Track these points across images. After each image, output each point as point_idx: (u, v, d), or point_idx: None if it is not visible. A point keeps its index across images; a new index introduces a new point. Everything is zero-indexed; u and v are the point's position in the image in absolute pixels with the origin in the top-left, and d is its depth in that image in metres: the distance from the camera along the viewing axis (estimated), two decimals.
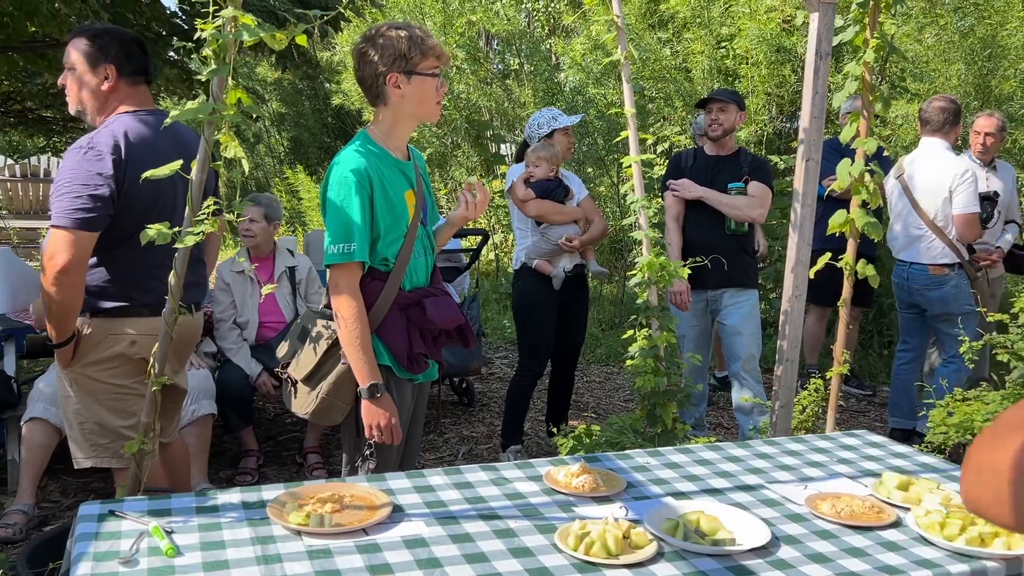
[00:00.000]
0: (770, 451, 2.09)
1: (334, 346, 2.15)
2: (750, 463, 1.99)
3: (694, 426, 3.84)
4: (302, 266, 4.08)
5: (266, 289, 2.11)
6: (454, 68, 8.26)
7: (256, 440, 3.93)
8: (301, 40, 1.74)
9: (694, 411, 3.87)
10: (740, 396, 3.72)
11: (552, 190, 3.78)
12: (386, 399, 2.09)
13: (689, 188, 3.76)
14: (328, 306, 2.18)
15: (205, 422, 3.52)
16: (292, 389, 2.25)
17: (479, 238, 5.20)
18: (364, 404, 2.08)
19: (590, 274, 3.94)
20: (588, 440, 2.76)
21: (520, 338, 3.93)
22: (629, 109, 2.76)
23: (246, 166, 1.89)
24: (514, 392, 3.95)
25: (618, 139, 2.97)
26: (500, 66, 9.88)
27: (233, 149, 1.82)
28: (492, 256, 9.38)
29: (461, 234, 5.07)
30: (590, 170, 7.77)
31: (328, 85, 12.51)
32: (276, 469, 3.92)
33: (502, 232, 9.33)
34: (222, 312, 3.90)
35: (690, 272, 3.14)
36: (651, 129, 7.33)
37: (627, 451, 2.03)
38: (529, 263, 3.81)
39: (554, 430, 3.78)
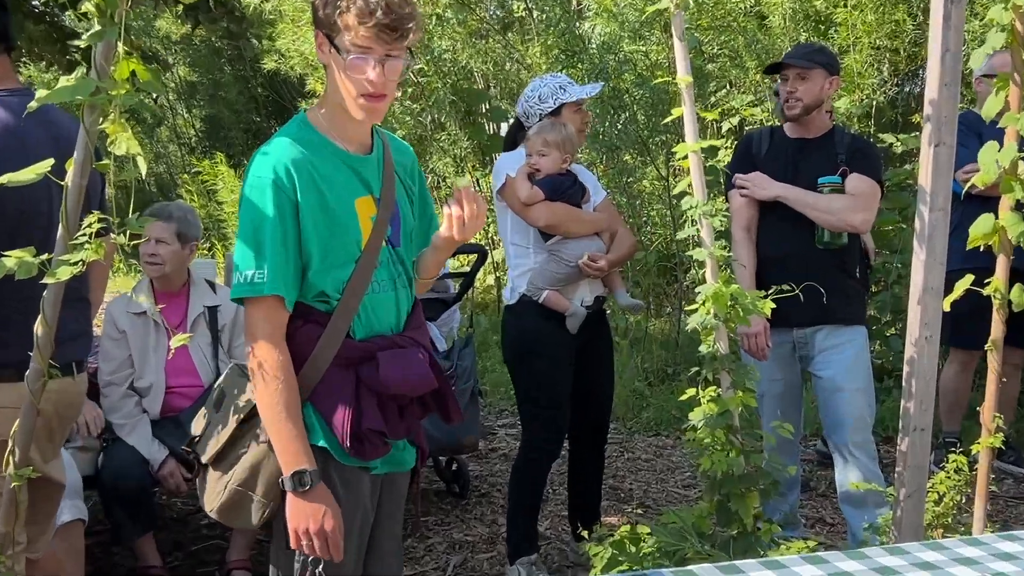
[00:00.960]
0: (895, 563, 2.07)
1: (253, 416, 2.17)
2: None
3: (784, 524, 3.82)
4: (227, 306, 4.10)
5: (177, 340, 2.11)
6: (432, 17, 8.33)
7: (159, 553, 3.93)
8: None
9: (783, 502, 3.86)
10: (847, 480, 3.71)
11: (567, 189, 3.81)
12: (320, 493, 2.09)
13: (762, 185, 3.77)
14: None
15: (70, 532, 3.45)
16: (198, 474, 2.27)
17: (473, 257, 5.23)
18: (289, 500, 2.09)
19: (620, 309, 3.95)
20: (634, 548, 2.74)
21: (522, 401, 3.94)
22: (683, 77, 2.77)
23: (143, 166, 1.89)
24: (522, 478, 3.94)
25: (668, 119, 2.98)
26: (498, 12, 9.99)
27: (125, 143, 1.83)
28: (491, 280, 9.40)
29: (459, 249, 5.10)
30: (628, 158, 7.83)
31: (257, 44, 12.64)
32: None
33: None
34: (113, 372, 3.91)
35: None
36: (712, 100, 7.37)
37: (690, 567, 2.01)
38: (534, 295, 3.82)
39: (583, 532, 3.76)
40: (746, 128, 7.35)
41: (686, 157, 2.83)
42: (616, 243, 3.93)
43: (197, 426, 2.33)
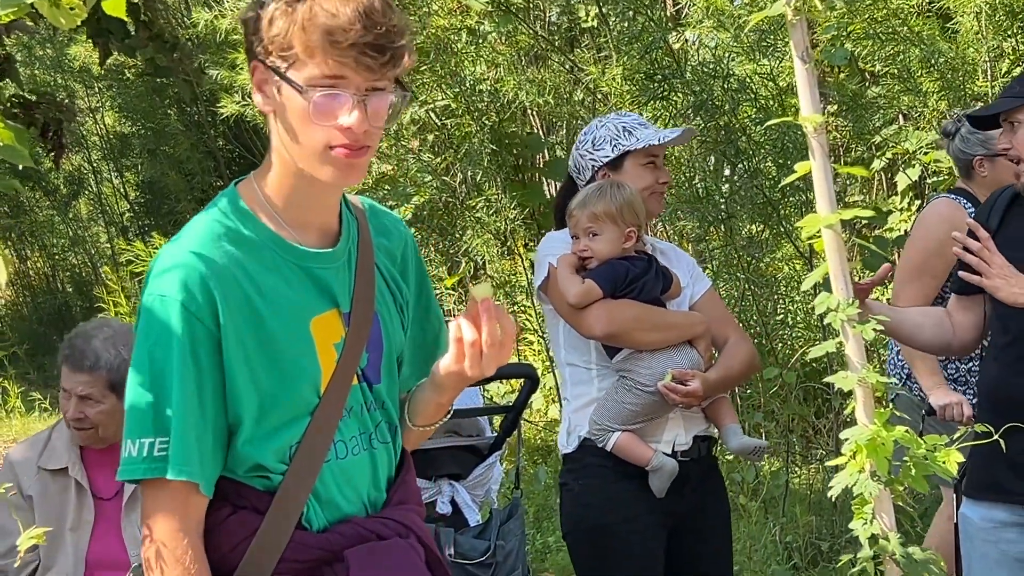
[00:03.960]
0: None
1: None
2: None
3: None
4: None
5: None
6: (462, 32, 8.46)
7: None
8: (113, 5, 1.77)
9: None
10: None
11: (637, 278, 3.83)
12: None
13: (1016, 280, 3.59)
14: None
15: None
16: None
17: (519, 383, 5.23)
18: None
19: (730, 453, 4.00)
20: None
21: None
22: (810, 116, 2.75)
23: (2, 278, 1.91)
24: None
25: (790, 179, 2.96)
26: (560, 20, 10.11)
27: None
28: (555, 413, 9.37)
29: (485, 379, 5.12)
30: (754, 227, 7.77)
31: (210, 74, 12.93)
32: None
33: None
34: (4, 556, 3.93)
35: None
36: (874, 140, 7.34)
37: None
38: (599, 440, 3.82)
39: None
40: (928, 182, 7.28)
41: (818, 234, 2.79)
42: (724, 355, 3.94)
43: None
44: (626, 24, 8.54)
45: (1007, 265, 3.59)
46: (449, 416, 2.46)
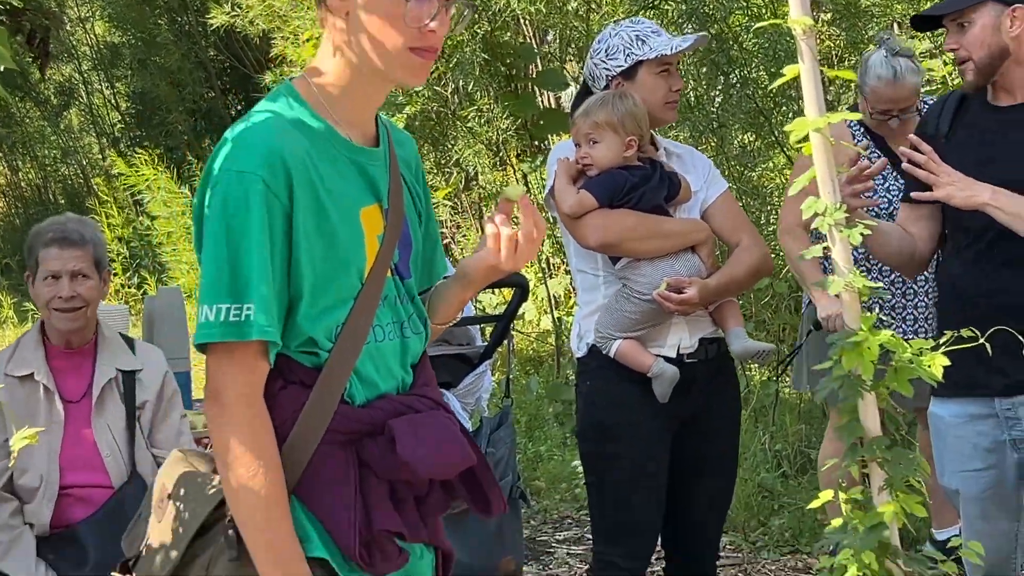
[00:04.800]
0: None
1: (215, 523, 2.24)
2: None
3: None
4: (149, 371, 4.17)
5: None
6: None
7: None
8: None
9: None
10: None
11: (636, 187, 3.82)
12: None
13: (964, 185, 3.61)
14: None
15: None
16: None
17: (509, 293, 5.22)
18: None
19: (736, 358, 4.01)
20: None
21: (592, 501, 3.99)
22: (799, 19, 2.72)
23: None
24: None
25: (779, 82, 2.93)
26: None
27: None
28: (548, 324, 9.39)
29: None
30: (746, 137, 7.72)
31: None
32: None
33: (564, 272, 9.36)
34: None
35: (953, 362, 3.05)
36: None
37: None
38: (602, 345, 3.85)
39: None
40: (921, 93, 7.23)
41: (806, 139, 2.77)
42: (731, 260, 3.93)
43: (133, 541, 2.39)
44: None
45: (953, 172, 3.61)
46: (459, 318, 2.62)
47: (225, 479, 2.17)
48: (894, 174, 4.82)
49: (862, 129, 5.02)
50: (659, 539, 4.03)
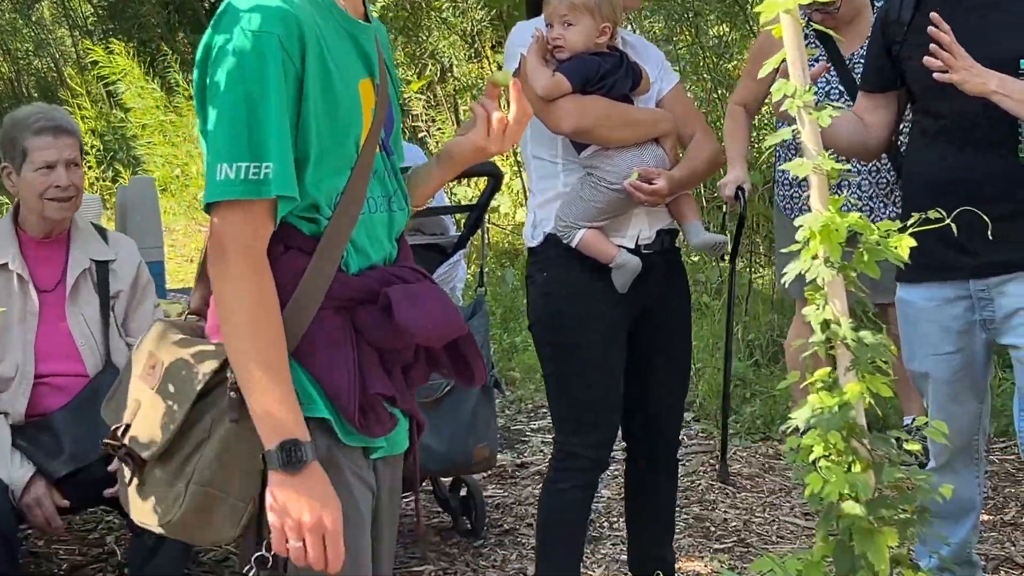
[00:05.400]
0: None
1: (213, 388, 2.27)
2: None
3: (947, 569, 3.84)
4: (123, 261, 4.17)
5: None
6: None
7: None
8: None
9: (954, 532, 3.89)
10: None
11: (607, 74, 3.79)
12: (317, 476, 2.22)
13: (977, 71, 3.56)
14: (200, 310, 2.40)
15: None
16: (133, 479, 2.34)
17: (483, 182, 5.21)
18: (274, 484, 2.21)
19: (692, 249, 3.95)
20: None
21: (551, 394, 4.00)
22: None
23: None
24: (555, 507, 3.99)
25: None
26: None
27: None
28: (518, 215, 9.38)
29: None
30: (721, 28, 7.67)
31: None
32: None
33: None
34: None
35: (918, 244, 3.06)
36: None
37: None
38: (564, 235, 3.83)
39: None
40: None
41: (776, 20, 2.75)
42: (689, 153, 3.91)
43: (116, 410, 2.43)
44: None
45: (968, 57, 3.58)
46: (431, 205, 2.67)
47: (228, 337, 2.21)
48: (837, 77, 5.04)
49: (813, 32, 5.00)
50: (619, 429, 4.06)
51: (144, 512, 2.32)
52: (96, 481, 3.78)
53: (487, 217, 8.43)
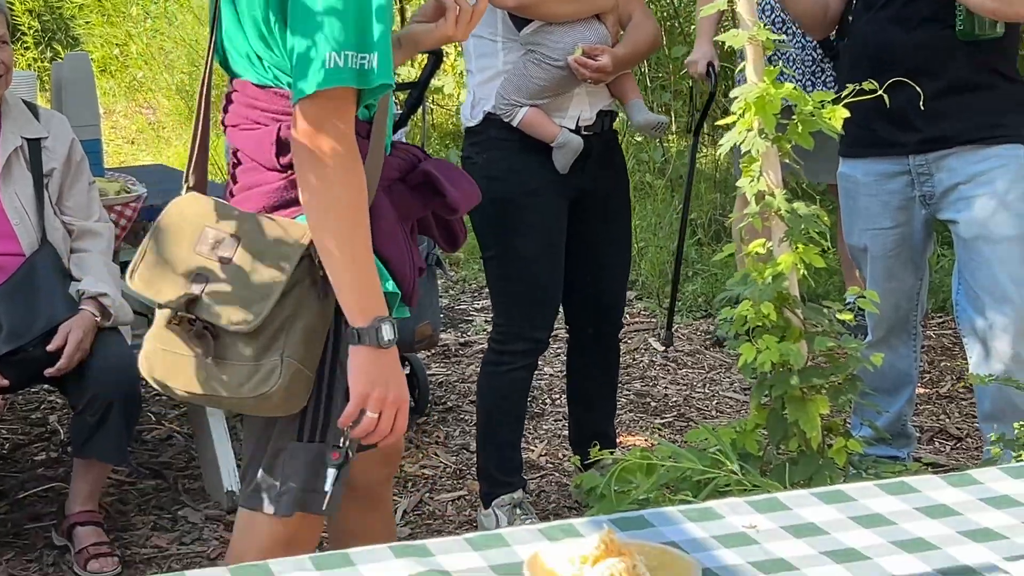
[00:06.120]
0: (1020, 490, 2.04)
1: (303, 260, 2.38)
2: (977, 520, 1.94)
3: (883, 439, 3.87)
4: (56, 138, 4.13)
5: None
6: None
7: None
8: None
9: (890, 404, 3.98)
10: (986, 367, 3.77)
11: None
12: (395, 352, 2.39)
13: None
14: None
15: None
16: (205, 348, 2.39)
17: (422, 61, 5.15)
18: (360, 359, 2.34)
19: (633, 128, 3.95)
20: (640, 475, 2.72)
21: (491, 275, 4.05)
22: None
23: None
24: (495, 385, 4.02)
25: None
26: None
27: None
28: (462, 96, 9.29)
29: None
30: None
31: None
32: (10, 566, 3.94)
33: None
34: None
35: (854, 113, 3.06)
36: None
37: (710, 503, 1.98)
38: (504, 114, 3.82)
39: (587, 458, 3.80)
40: None
41: None
42: (630, 32, 3.90)
43: (149, 281, 2.45)
44: None
45: None
46: None
47: (328, 218, 2.31)
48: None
49: None
50: (561, 310, 4.12)
51: (216, 384, 2.41)
52: (35, 359, 3.76)
53: (431, 98, 8.37)
